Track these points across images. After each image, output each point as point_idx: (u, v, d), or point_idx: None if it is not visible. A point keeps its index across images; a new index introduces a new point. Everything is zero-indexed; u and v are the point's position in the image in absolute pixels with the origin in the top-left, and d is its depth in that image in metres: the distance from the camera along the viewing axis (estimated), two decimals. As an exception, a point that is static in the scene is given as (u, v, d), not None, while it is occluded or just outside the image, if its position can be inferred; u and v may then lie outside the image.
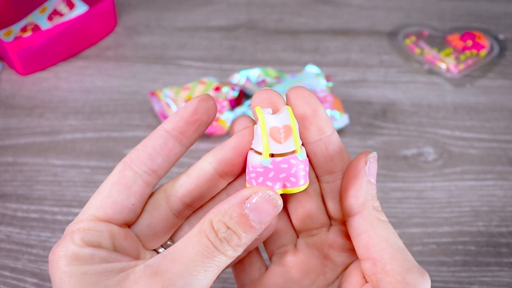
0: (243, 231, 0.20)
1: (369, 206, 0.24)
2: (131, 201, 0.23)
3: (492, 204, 0.49)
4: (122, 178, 0.23)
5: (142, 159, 0.23)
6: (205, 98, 0.24)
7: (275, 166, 0.22)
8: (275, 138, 0.22)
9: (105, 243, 0.22)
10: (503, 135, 0.56)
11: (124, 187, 0.23)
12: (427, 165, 0.52)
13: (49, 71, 0.63)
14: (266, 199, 0.20)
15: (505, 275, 0.43)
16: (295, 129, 0.22)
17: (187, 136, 0.24)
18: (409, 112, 0.59)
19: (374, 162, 0.25)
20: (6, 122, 0.56)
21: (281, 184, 0.22)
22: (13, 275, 0.43)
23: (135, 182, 0.23)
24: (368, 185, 0.24)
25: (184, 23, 0.72)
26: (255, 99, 0.24)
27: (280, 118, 0.22)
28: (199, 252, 0.20)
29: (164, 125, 0.24)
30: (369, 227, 0.23)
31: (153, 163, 0.23)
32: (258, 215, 0.20)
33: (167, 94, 0.56)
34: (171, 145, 0.23)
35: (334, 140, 0.25)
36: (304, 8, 0.76)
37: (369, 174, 0.24)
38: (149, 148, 0.23)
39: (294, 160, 0.22)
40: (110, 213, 0.22)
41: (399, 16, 0.74)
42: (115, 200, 0.23)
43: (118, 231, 0.23)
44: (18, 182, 0.50)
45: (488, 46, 0.67)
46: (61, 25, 0.62)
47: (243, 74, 0.58)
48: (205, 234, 0.20)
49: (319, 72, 0.58)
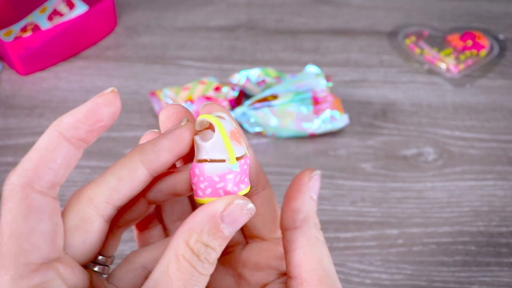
0: (220, 244, 0.19)
1: (310, 222, 0.22)
2: (54, 223, 0.20)
3: (492, 204, 0.49)
4: (31, 204, 0.19)
5: (43, 175, 0.20)
6: (111, 100, 0.21)
7: (241, 168, 0.21)
8: (236, 140, 0.21)
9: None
10: (503, 135, 0.56)
11: (39, 214, 0.19)
12: (427, 165, 0.52)
13: (49, 71, 0.63)
14: (240, 208, 0.19)
15: (505, 275, 0.43)
16: (226, 139, 0.21)
17: (86, 142, 0.21)
18: (409, 112, 0.59)
19: (318, 180, 0.23)
20: (6, 122, 0.56)
21: (243, 186, 0.21)
22: (13, 275, 0.43)
23: (46, 204, 0.20)
24: (310, 201, 0.23)
25: (184, 23, 0.72)
26: (163, 114, 0.23)
27: (226, 123, 0.21)
28: (186, 281, 0.18)
29: (62, 129, 0.20)
30: (306, 243, 0.22)
31: (56, 177, 0.20)
32: (233, 226, 0.19)
33: (167, 94, 0.56)
34: (72, 153, 0.21)
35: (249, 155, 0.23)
36: (304, 8, 0.76)
37: (312, 190, 0.23)
38: (50, 162, 0.20)
39: (248, 159, 0.22)
40: (45, 250, 0.19)
41: (399, 16, 0.74)
42: (41, 233, 0.19)
43: (64, 269, 0.19)
44: (18, 182, 0.50)
45: (488, 46, 0.67)
46: (61, 25, 0.62)
47: (243, 74, 0.58)
48: (186, 259, 0.18)
49: (319, 72, 0.58)
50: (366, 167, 0.52)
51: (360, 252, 0.45)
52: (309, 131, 0.54)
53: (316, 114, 0.54)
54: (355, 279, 0.43)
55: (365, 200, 0.49)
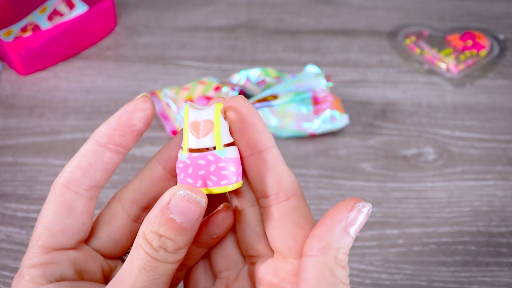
0: (175, 234, 0.19)
1: (330, 254, 0.20)
2: (80, 222, 0.22)
3: (492, 204, 0.49)
4: (64, 202, 0.22)
5: (79, 179, 0.22)
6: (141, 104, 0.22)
7: (192, 161, 0.21)
8: (194, 133, 0.21)
9: (67, 273, 0.21)
10: (503, 135, 0.56)
11: (69, 210, 0.22)
12: (427, 165, 0.52)
13: (49, 71, 0.63)
14: (186, 199, 0.19)
15: (505, 275, 0.43)
16: (218, 124, 0.21)
17: (124, 147, 0.22)
18: (409, 112, 0.59)
19: (362, 213, 0.21)
20: (6, 122, 0.56)
21: (202, 182, 0.21)
22: (13, 275, 0.42)
23: (78, 203, 0.22)
24: (342, 232, 0.20)
25: (184, 23, 0.72)
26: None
27: (206, 113, 0.21)
28: (140, 267, 0.19)
29: (97, 137, 0.22)
30: (314, 276, 0.20)
31: (92, 180, 0.22)
32: (184, 216, 0.19)
33: (167, 94, 0.56)
34: (108, 158, 0.22)
35: (267, 157, 0.21)
36: (304, 8, 0.76)
37: (349, 221, 0.20)
38: (85, 167, 0.22)
39: (212, 156, 0.21)
40: (62, 241, 0.22)
41: (399, 16, 0.74)
42: (63, 226, 0.22)
43: (76, 256, 0.22)
44: (18, 182, 0.50)
45: (488, 46, 0.67)
46: (61, 25, 0.62)
47: (243, 74, 0.58)
48: (141, 248, 0.19)
49: (319, 72, 0.58)
50: (366, 167, 0.52)
51: (360, 252, 0.45)
52: (309, 131, 0.54)
53: (316, 114, 0.54)
54: (355, 279, 0.43)
55: (365, 200, 0.49)
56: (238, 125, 0.21)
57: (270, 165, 0.21)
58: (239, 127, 0.21)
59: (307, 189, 0.50)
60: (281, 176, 0.22)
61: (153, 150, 0.53)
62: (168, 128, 0.54)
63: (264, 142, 0.21)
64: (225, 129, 0.21)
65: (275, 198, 0.22)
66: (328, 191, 0.50)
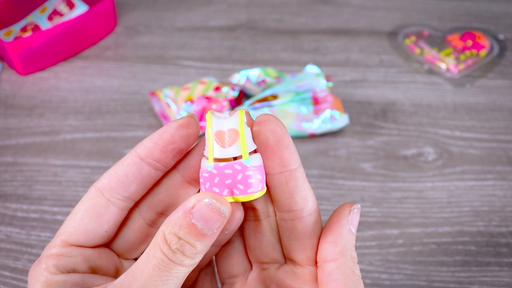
0: (195, 240, 0.20)
1: (347, 255, 0.23)
2: (104, 229, 0.23)
3: (492, 204, 0.49)
4: (95, 205, 0.22)
5: (115, 187, 0.22)
6: (185, 123, 0.22)
7: (219, 171, 0.21)
8: (219, 142, 0.21)
9: (80, 267, 0.22)
10: (503, 135, 0.56)
11: (97, 215, 0.22)
12: (427, 165, 0.52)
13: (49, 71, 0.63)
14: (210, 207, 0.20)
15: (505, 275, 0.43)
16: (242, 133, 0.21)
17: (163, 164, 0.23)
18: (409, 112, 0.59)
19: (357, 213, 0.24)
20: (6, 122, 0.56)
21: (228, 190, 0.22)
22: (13, 275, 0.43)
23: (108, 210, 0.23)
24: (349, 234, 0.23)
25: (184, 23, 0.72)
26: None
27: (229, 122, 0.21)
28: (155, 266, 0.20)
29: (138, 150, 0.23)
30: (341, 276, 0.22)
31: (126, 191, 0.23)
32: (205, 223, 0.20)
33: (167, 94, 0.56)
34: (146, 172, 0.23)
35: (297, 175, 0.23)
36: (304, 8, 0.76)
37: (351, 223, 0.23)
38: (121, 176, 0.22)
39: (239, 166, 0.21)
40: (82, 240, 0.23)
41: (399, 16, 0.74)
42: (86, 228, 0.22)
43: (92, 253, 0.23)
44: (18, 182, 0.50)
45: (488, 46, 0.67)
46: (61, 25, 0.62)
47: (243, 74, 0.58)
48: (159, 247, 0.20)
49: (319, 72, 0.58)
50: (366, 167, 0.52)
51: (360, 252, 0.45)
52: (309, 131, 0.54)
53: (316, 114, 0.54)
54: (355, 279, 0.43)
55: (365, 200, 0.49)
56: (274, 145, 0.22)
57: (299, 182, 0.23)
58: (275, 146, 0.22)
59: (307, 189, 0.50)
60: (307, 193, 0.23)
61: (153, 150, 0.53)
62: (168, 128, 0.54)
63: (295, 162, 0.23)
64: (249, 137, 0.22)
65: (300, 212, 0.23)
66: (328, 191, 0.50)
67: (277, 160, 0.22)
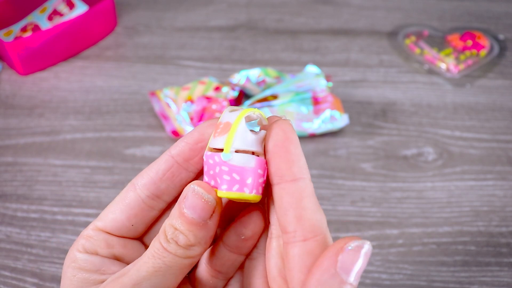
0: (187, 229, 0.20)
1: None
2: (131, 222, 0.23)
3: (492, 204, 0.49)
4: (126, 198, 0.23)
5: (145, 183, 0.23)
6: (214, 123, 0.22)
7: (206, 159, 0.21)
8: (214, 132, 0.21)
9: (102, 251, 0.23)
10: (503, 135, 0.56)
11: (126, 207, 0.23)
12: (427, 165, 0.52)
13: (49, 71, 0.63)
14: (195, 194, 0.20)
15: (505, 275, 0.43)
16: (234, 128, 0.20)
17: (193, 163, 0.23)
18: (409, 112, 0.59)
19: (356, 253, 0.17)
20: (6, 122, 0.56)
21: (215, 182, 0.21)
22: (13, 275, 0.43)
23: (137, 205, 0.23)
24: (330, 280, 0.17)
25: (184, 23, 0.72)
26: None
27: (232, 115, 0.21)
28: (151, 254, 0.21)
29: (171, 149, 0.23)
30: None
31: (157, 189, 0.23)
32: (194, 211, 0.20)
33: (167, 94, 0.56)
34: (176, 171, 0.23)
35: (293, 189, 0.20)
36: (304, 8, 0.76)
37: (341, 267, 0.17)
38: (152, 173, 0.23)
39: (218, 158, 0.20)
40: (109, 228, 0.23)
41: (399, 16, 0.74)
42: (115, 217, 0.23)
43: (116, 241, 0.24)
44: (18, 182, 0.50)
45: (488, 46, 0.67)
46: (61, 25, 0.62)
47: (243, 74, 0.58)
48: (157, 238, 0.21)
49: (319, 72, 0.58)
50: (366, 167, 0.52)
51: (360, 252, 0.45)
52: (309, 131, 0.54)
53: (316, 114, 0.54)
54: (355, 279, 0.43)
55: (365, 200, 0.49)
56: (273, 151, 0.20)
57: (294, 198, 0.19)
58: (273, 152, 0.20)
59: (307, 189, 0.50)
60: (302, 213, 0.19)
61: (153, 150, 0.53)
62: (168, 128, 0.54)
63: (294, 172, 0.20)
64: (246, 135, 0.20)
65: (293, 236, 0.20)
66: (328, 191, 0.50)
67: (273, 169, 0.20)
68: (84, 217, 0.47)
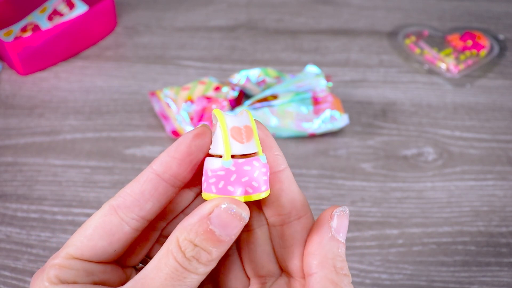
0: (212, 246, 0.19)
1: (327, 267, 0.21)
2: (113, 248, 0.22)
3: (492, 204, 0.49)
4: (107, 223, 0.21)
5: (129, 205, 0.21)
6: (200, 133, 0.21)
7: (238, 168, 0.20)
8: (237, 138, 0.20)
9: (81, 280, 0.21)
10: (503, 135, 0.56)
11: (108, 233, 0.21)
12: (427, 165, 0.52)
13: (49, 71, 0.63)
14: (229, 213, 0.19)
15: (505, 275, 0.43)
16: (255, 130, 0.21)
17: (180, 178, 0.22)
18: (409, 112, 0.59)
19: (343, 217, 0.21)
20: (6, 122, 0.56)
21: (242, 189, 0.20)
22: (13, 275, 0.43)
23: (120, 229, 0.21)
24: (331, 242, 0.21)
25: (184, 23, 0.72)
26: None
27: (240, 119, 0.21)
28: (168, 275, 0.19)
29: (155, 166, 0.21)
30: None
31: (142, 210, 0.21)
32: (224, 229, 0.19)
33: (167, 94, 0.56)
34: (162, 189, 0.21)
35: (282, 178, 0.22)
36: (304, 8, 0.76)
37: (335, 230, 0.21)
38: (137, 195, 0.21)
39: (257, 162, 0.20)
40: (87, 255, 0.22)
41: (399, 16, 0.74)
42: (95, 244, 0.21)
43: (96, 268, 0.22)
44: (18, 182, 0.50)
45: (488, 46, 0.67)
46: (61, 25, 0.62)
47: (243, 74, 0.58)
48: (173, 255, 0.19)
49: (319, 72, 0.58)
50: (366, 167, 0.52)
51: (360, 252, 0.45)
52: (309, 131, 0.54)
53: (316, 114, 0.54)
54: (355, 279, 0.43)
55: (365, 200, 0.49)
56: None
57: (285, 185, 0.22)
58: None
59: (307, 189, 0.50)
60: (294, 196, 0.22)
61: (153, 150, 0.53)
62: (168, 128, 0.54)
63: (280, 164, 0.22)
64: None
65: (288, 217, 0.22)
66: (328, 191, 0.50)
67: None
68: (84, 217, 0.47)
